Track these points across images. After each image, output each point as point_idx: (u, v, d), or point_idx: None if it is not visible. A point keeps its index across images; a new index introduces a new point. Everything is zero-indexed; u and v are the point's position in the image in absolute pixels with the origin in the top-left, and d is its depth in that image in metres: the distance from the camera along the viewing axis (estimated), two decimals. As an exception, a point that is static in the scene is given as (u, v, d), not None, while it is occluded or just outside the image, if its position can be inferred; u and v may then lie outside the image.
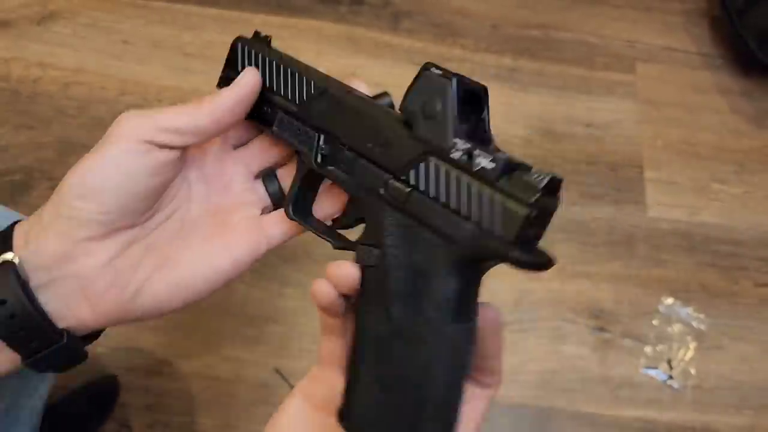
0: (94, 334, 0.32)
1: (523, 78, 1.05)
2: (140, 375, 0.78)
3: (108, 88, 0.96)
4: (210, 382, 0.79)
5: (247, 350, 0.80)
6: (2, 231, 0.31)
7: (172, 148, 0.30)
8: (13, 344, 0.29)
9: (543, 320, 0.86)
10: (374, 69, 1.01)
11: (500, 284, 0.88)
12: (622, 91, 1.05)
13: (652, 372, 0.85)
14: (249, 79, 0.31)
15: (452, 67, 0.28)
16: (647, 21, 1.13)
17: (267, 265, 0.86)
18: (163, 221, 0.33)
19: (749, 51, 1.05)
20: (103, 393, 0.76)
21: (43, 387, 0.48)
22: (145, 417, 0.77)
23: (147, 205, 0.31)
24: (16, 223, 0.31)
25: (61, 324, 0.30)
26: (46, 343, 0.29)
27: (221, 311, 0.82)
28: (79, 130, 0.92)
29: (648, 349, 0.86)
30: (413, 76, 0.29)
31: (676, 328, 0.88)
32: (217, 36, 1.02)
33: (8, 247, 0.29)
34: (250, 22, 1.04)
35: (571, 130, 1.01)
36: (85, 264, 0.29)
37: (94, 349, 0.79)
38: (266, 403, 0.77)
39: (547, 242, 0.25)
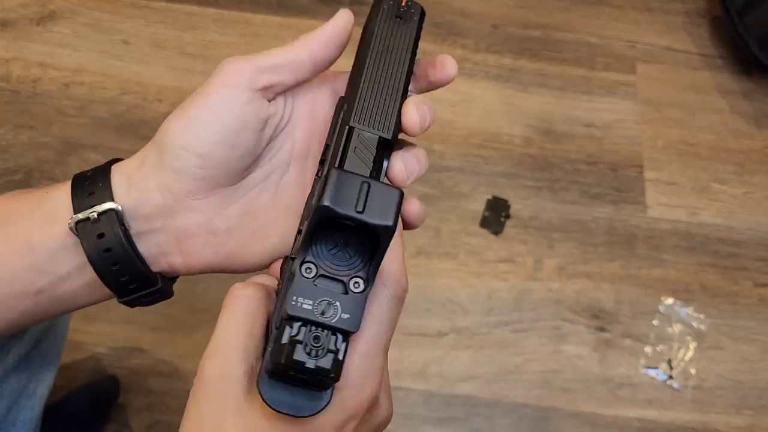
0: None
1: (523, 78, 1.05)
2: (140, 375, 0.78)
3: (108, 88, 0.96)
4: (210, 382, 0.79)
5: (247, 350, 0.80)
6: (101, 170, 0.30)
7: (272, 90, 0.30)
8: (112, 286, 0.30)
9: (543, 320, 0.86)
10: (374, 69, 1.01)
11: (500, 284, 0.88)
12: (622, 91, 1.05)
13: (652, 372, 0.85)
14: (342, 16, 0.31)
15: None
16: (648, 21, 1.13)
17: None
18: (261, 181, 0.32)
19: (750, 51, 1.05)
20: (104, 393, 0.76)
21: (44, 387, 0.48)
22: (146, 417, 0.77)
23: (247, 162, 0.30)
24: (113, 162, 0.31)
25: (153, 268, 0.31)
26: (142, 285, 0.30)
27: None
28: (80, 130, 0.92)
29: (648, 349, 0.86)
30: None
31: (677, 328, 0.88)
32: (218, 36, 1.02)
33: (109, 194, 0.29)
34: (250, 22, 1.04)
35: (572, 130, 1.01)
36: (185, 220, 0.30)
37: (95, 349, 0.79)
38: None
39: (548, 242, 0.25)
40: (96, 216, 0.28)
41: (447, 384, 0.81)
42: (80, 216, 0.28)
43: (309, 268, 0.24)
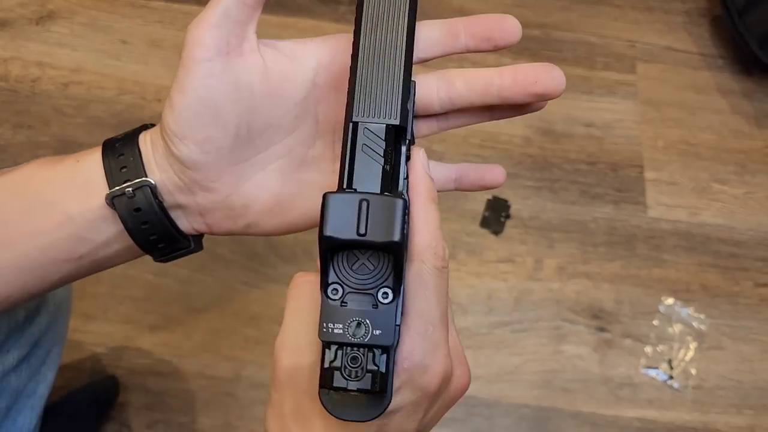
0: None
1: (523, 78, 1.05)
2: (140, 375, 0.78)
3: (106, 87, 0.95)
4: (210, 382, 0.79)
5: (247, 350, 0.80)
6: (129, 141, 0.31)
7: (243, 36, 0.27)
8: (149, 251, 0.32)
9: (543, 320, 0.86)
10: (374, 68, 1.01)
11: (500, 284, 0.88)
12: (622, 91, 1.05)
13: (652, 372, 0.85)
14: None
15: (453, 66, 0.28)
16: (648, 21, 1.13)
17: (267, 265, 0.86)
18: (283, 155, 0.31)
19: (750, 51, 1.04)
20: (103, 393, 0.76)
21: (44, 387, 0.48)
22: (145, 417, 0.77)
23: (257, 129, 0.29)
24: (140, 130, 0.31)
25: (184, 231, 0.32)
26: (177, 248, 0.32)
27: (221, 311, 0.82)
28: (78, 129, 0.92)
29: (648, 349, 0.86)
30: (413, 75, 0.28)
31: (677, 328, 0.88)
32: (217, 35, 1.02)
33: (141, 169, 0.30)
34: (249, 22, 1.04)
35: (572, 130, 1.01)
36: (203, 199, 0.30)
37: (95, 349, 0.79)
38: (266, 403, 0.77)
39: (548, 242, 0.25)
40: (131, 192, 0.29)
41: (447, 384, 0.81)
42: (116, 191, 0.29)
43: (335, 289, 0.23)
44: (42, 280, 0.32)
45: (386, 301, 0.23)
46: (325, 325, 0.23)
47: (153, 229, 0.30)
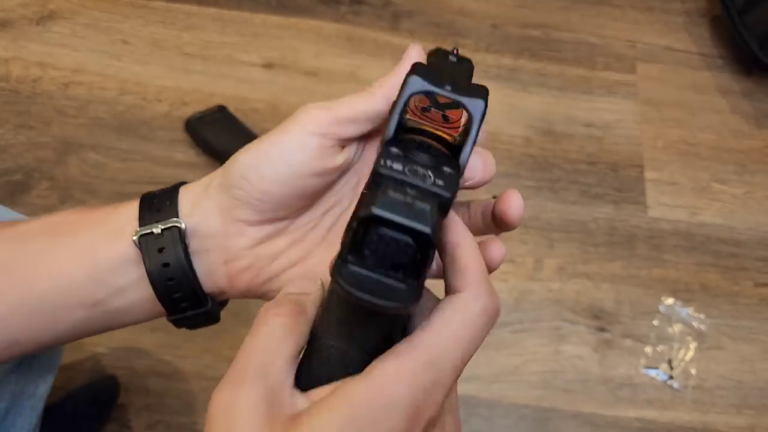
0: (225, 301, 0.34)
1: (523, 78, 1.05)
2: (140, 375, 0.78)
3: (107, 88, 0.95)
4: (210, 382, 0.78)
5: (247, 350, 0.80)
6: (169, 190, 0.31)
7: (347, 139, 0.30)
8: (165, 302, 0.31)
9: (543, 320, 0.86)
10: (374, 69, 1.01)
11: (500, 284, 0.88)
12: (622, 91, 1.05)
13: (652, 372, 0.85)
14: (413, 53, 0.30)
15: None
16: (648, 21, 1.13)
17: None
18: (321, 215, 0.32)
19: (750, 51, 1.04)
20: (104, 393, 0.76)
21: (44, 388, 0.48)
22: (146, 417, 0.77)
23: (306, 204, 0.31)
24: (181, 184, 0.32)
25: (204, 289, 0.31)
26: (193, 305, 0.31)
27: (221, 311, 0.82)
28: (79, 130, 0.92)
29: (648, 349, 0.86)
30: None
31: (677, 328, 0.88)
32: (217, 36, 1.02)
33: (175, 212, 0.30)
34: (249, 22, 1.04)
35: (572, 130, 1.01)
36: (236, 243, 0.31)
37: (95, 349, 0.79)
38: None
39: (548, 242, 0.25)
40: (160, 230, 0.30)
41: (447, 384, 0.81)
42: (145, 230, 0.30)
43: (395, 150, 0.22)
44: (52, 325, 0.31)
45: (449, 170, 0.22)
46: (383, 162, 0.21)
47: (172, 272, 0.30)
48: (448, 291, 0.25)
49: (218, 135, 0.90)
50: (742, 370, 0.86)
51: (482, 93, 0.24)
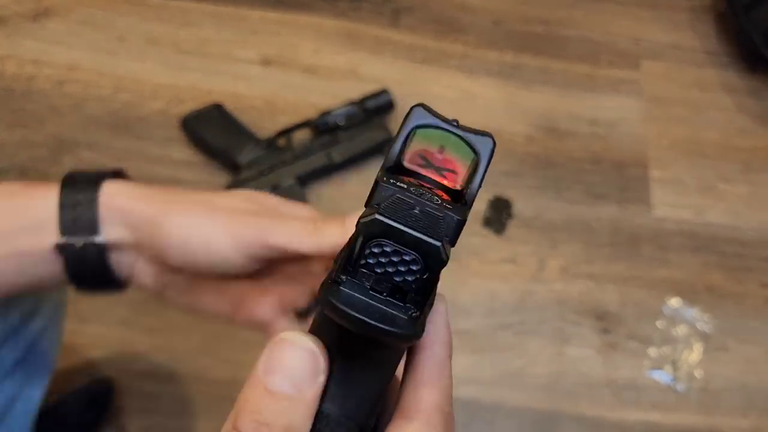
0: None
1: (525, 75, 1.04)
2: (136, 378, 0.78)
3: (103, 85, 0.95)
4: (207, 385, 0.78)
5: (244, 352, 0.79)
6: (88, 197, 0.33)
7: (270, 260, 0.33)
8: (79, 288, 0.35)
9: (546, 322, 0.85)
10: (374, 65, 1.00)
11: (503, 285, 0.87)
12: (626, 88, 1.04)
13: (656, 374, 0.84)
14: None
15: (454, 63, 0.26)
16: (652, 18, 1.12)
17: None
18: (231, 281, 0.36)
19: (755, 48, 1.04)
20: (99, 396, 0.76)
21: (39, 391, 0.48)
22: (142, 420, 0.76)
23: (230, 273, 0.34)
24: (97, 182, 0.34)
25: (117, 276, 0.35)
26: (106, 290, 0.35)
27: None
28: (74, 128, 0.91)
29: (653, 350, 0.85)
30: (414, 72, 0.27)
31: (681, 329, 0.87)
32: (214, 33, 1.01)
33: (95, 225, 0.33)
34: (247, 18, 1.03)
35: (575, 128, 1.00)
36: (145, 276, 0.35)
37: (90, 351, 0.78)
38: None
39: (551, 242, 0.23)
40: (83, 244, 0.32)
41: (448, 387, 0.80)
42: (67, 243, 0.32)
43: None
44: None
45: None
46: (386, 177, 0.19)
47: (93, 277, 0.33)
48: (399, 402, 0.21)
49: (215, 133, 0.89)
50: (747, 371, 0.85)
51: (488, 134, 0.22)
